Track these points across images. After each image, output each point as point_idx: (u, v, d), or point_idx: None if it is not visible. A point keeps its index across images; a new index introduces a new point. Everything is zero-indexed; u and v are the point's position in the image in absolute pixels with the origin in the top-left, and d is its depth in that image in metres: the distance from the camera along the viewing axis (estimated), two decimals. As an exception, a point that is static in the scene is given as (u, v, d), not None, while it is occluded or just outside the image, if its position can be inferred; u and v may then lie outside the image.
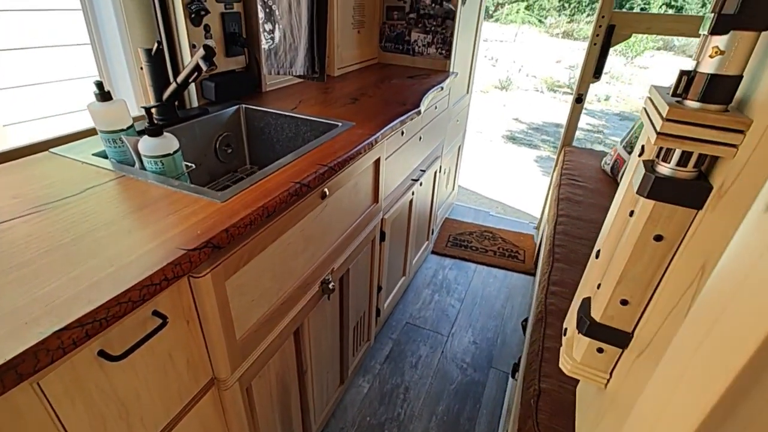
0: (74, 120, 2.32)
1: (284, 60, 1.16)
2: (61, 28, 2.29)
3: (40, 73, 2.17)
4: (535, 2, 16.11)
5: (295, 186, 0.87)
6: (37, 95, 2.28)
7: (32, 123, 2.28)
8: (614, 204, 0.51)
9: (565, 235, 1.60)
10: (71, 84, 2.43)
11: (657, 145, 0.37)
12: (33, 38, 2.19)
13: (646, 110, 0.44)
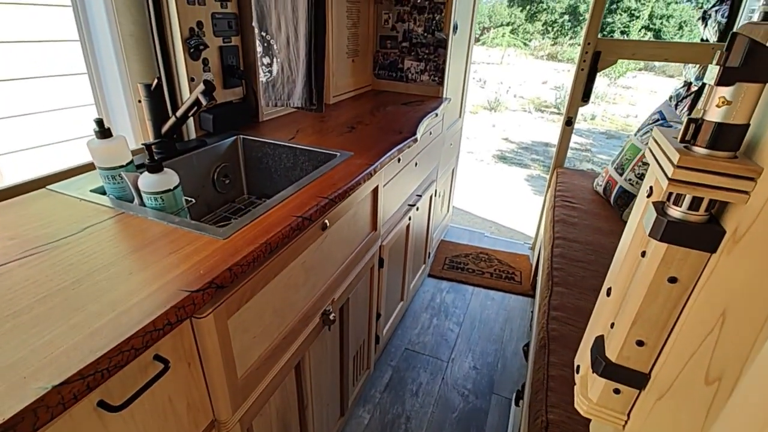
0: (69, 149, 2.31)
1: (282, 92, 1.18)
2: (59, 58, 2.30)
3: (36, 102, 2.17)
4: (519, 26, 16.66)
5: (297, 220, 0.87)
6: (32, 124, 2.27)
7: (28, 152, 2.25)
8: (623, 242, 0.51)
9: (562, 258, 1.60)
10: (67, 113, 2.43)
11: (669, 190, 0.38)
12: (30, 68, 2.20)
13: (652, 151, 0.45)
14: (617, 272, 0.50)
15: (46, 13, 2.20)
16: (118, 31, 1.17)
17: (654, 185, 0.45)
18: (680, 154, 0.37)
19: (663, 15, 15.30)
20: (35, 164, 2.31)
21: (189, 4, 1.16)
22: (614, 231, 1.82)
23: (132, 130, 1.30)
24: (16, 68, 2.09)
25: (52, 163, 2.30)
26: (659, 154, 0.42)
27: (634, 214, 0.49)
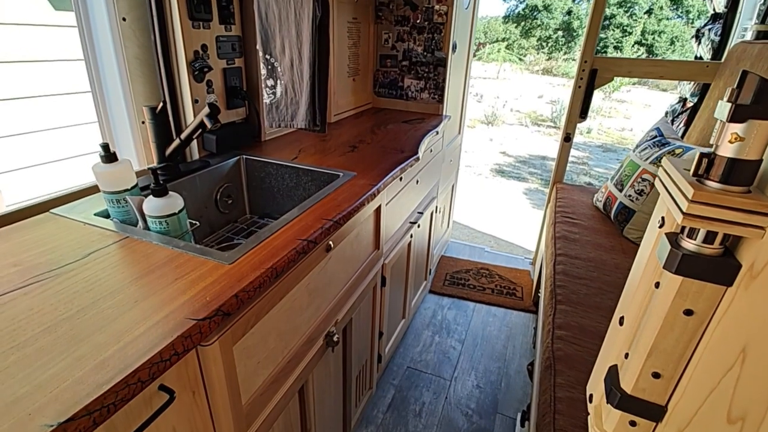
0: (72, 166, 2.31)
1: (285, 113, 1.19)
2: (63, 78, 2.32)
3: (39, 120, 2.19)
4: (514, 42, 16.94)
5: (302, 243, 0.86)
6: (35, 142, 2.28)
7: (31, 170, 2.26)
8: (635, 271, 0.51)
9: (564, 275, 1.60)
10: (70, 131, 2.44)
11: (683, 224, 0.38)
12: (34, 87, 2.22)
13: (663, 182, 0.45)
14: (629, 301, 0.50)
15: (52, 34, 2.23)
16: (123, 54, 1.19)
17: (666, 216, 0.45)
18: (694, 188, 0.37)
19: (655, 31, 15.62)
20: (38, 182, 2.32)
21: (194, 28, 1.18)
22: (615, 247, 1.82)
23: (135, 151, 1.30)
24: (21, 87, 2.12)
25: (55, 181, 2.31)
26: (671, 186, 0.42)
27: (645, 244, 0.49)
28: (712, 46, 2.36)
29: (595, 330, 1.31)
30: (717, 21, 2.37)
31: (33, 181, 2.35)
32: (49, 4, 2.39)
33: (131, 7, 1.14)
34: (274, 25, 1.12)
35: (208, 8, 1.20)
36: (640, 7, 15.72)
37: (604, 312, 1.40)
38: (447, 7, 1.95)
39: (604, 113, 10.05)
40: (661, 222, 0.45)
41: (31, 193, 2.32)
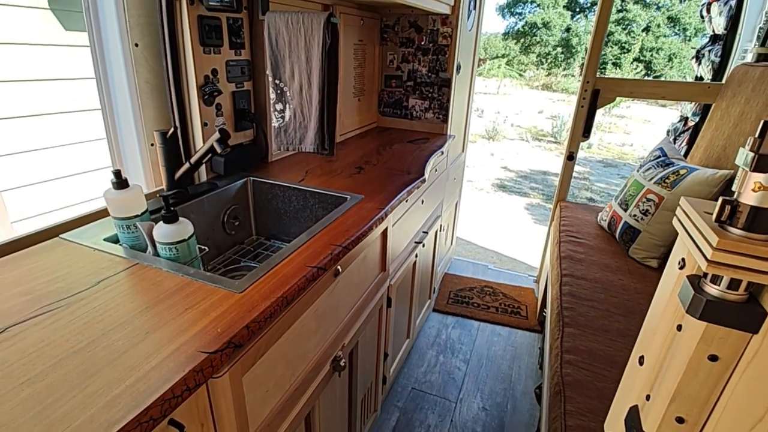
0: (81, 182, 2.32)
1: (294, 137, 1.20)
2: (71, 96, 2.35)
3: (48, 137, 2.22)
4: (514, 58, 17.17)
5: (312, 270, 0.86)
6: (44, 159, 2.30)
7: (40, 186, 2.27)
8: (655, 310, 0.51)
9: (571, 296, 1.59)
10: (78, 147, 2.46)
11: (708, 272, 0.38)
12: (45, 105, 2.24)
13: (682, 223, 0.45)
14: (650, 341, 0.50)
15: (64, 53, 2.26)
16: (134, 79, 1.20)
17: (686, 258, 0.45)
18: (718, 236, 0.37)
19: (653, 48, 15.83)
20: (46, 198, 2.33)
21: (205, 53, 1.20)
22: (621, 268, 1.82)
23: (144, 173, 1.31)
24: (33, 106, 2.15)
25: (63, 197, 2.32)
26: (692, 229, 0.42)
27: (665, 284, 0.49)
28: (713, 66, 2.39)
29: (604, 354, 1.29)
30: (717, 42, 2.40)
31: (40, 197, 2.36)
32: (60, 24, 2.44)
33: (144, 33, 1.16)
34: (284, 51, 1.14)
35: (219, 35, 1.22)
36: (637, 25, 15.98)
37: (612, 335, 1.39)
38: (451, 30, 1.98)
39: (604, 128, 10.12)
40: (681, 263, 0.45)
41: (38, 208, 2.33)
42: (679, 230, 0.46)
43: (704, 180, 1.68)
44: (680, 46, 15.62)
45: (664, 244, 1.79)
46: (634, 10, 16.12)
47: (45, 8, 2.34)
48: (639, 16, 16.04)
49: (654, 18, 15.98)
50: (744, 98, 1.79)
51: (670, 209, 1.75)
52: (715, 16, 2.45)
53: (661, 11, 16.12)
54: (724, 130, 1.86)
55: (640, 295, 1.61)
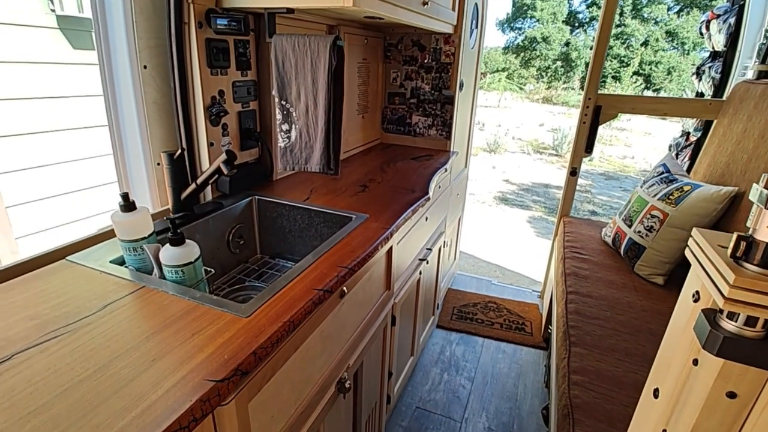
0: (85, 198, 2.33)
1: (300, 157, 1.20)
2: (79, 112, 2.38)
3: (55, 153, 2.24)
4: (514, 72, 17.35)
5: (319, 293, 0.86)
6: (48, 174, 2.32)
7: (45, 202, 2.28)
8: (669, 342, 0.50)
9: (577, 314, 1.58)
10: (86, 163, 2.49)
11: (725, 309, 0.38)
12: (53, 122, 2.28)
13: (695, 255, 0.45)
14: (664, 373, 0.49)
15: (74, 72, 2.30)
16: (142, 99, 1.21)
17: (701, 291, 0.44)
18: (735, 273, 0.37)
19: (652, 61, 15.99)
20: (51, 214, 2.34)
21: (212, 75, 1.21)
22: (627, 284, 1.80)
23: (149, 191, 1.31)
24: (40, 122, 2.18)
25: (68, 212, 2.33)
26: (706, 263, 0.42)
27: (679, 316, 0.49)
28: (713, 83, 2.41)
29: (612, 375, 1.27)
30: (717, 59, 2.43)
31: (45, 213, 2.38)
32: (68, 43, 2.48)
33: (152, 55, 1.18)
34: (290, 73, 1.15)
35: (226, 56, 1.24)
36: (636, 39, 16.17)
37: (619, 355, 1.37)
38: (454, 48, 2.00)
39: (605, 141, 10.16)
40: (696, 296, 0.45)
41: (43, 224, 2.34)
42: (692, 261, 0.45)
43: (709, 196, 1.68)
44: (679, 60, 15.78)
45: (670, 261, 1.78)
46: (633, 24, 16.34)
47: (54, 28, 2.38)
48: (637, 30, 16.25)
49: (652, 32, 16.18)
50: (746, 115, 1.80)
51: (675, 226, 1.74)
52: (714, 33, 2.48)
53: (659, 26, 16.32)
54: (727, 146, 1.87)
55: (646, 313, 1.60)
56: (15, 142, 2.21)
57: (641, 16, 16.51)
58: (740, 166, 1.71)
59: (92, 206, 2.56)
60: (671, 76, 15.77)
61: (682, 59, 15.79)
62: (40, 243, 2.42)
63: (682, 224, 1.73)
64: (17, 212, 2.33)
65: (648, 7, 16.26)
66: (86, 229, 2.47)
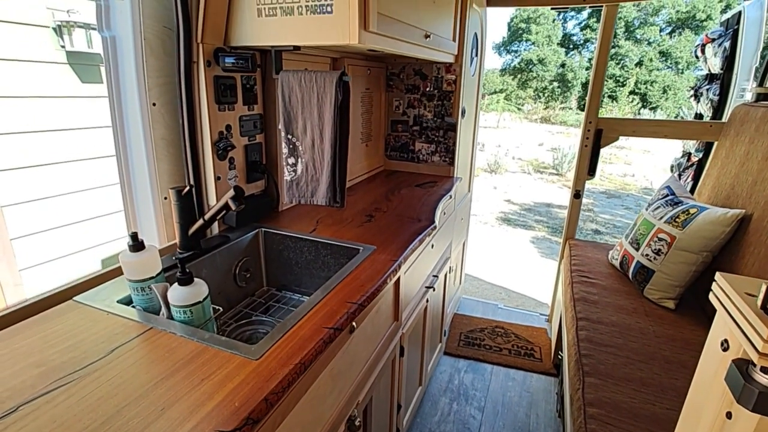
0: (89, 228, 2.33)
1: (306, 190, 1.21)
2: (85, 144, 2.42)
3: (60, 184, 2.26)
4: (512, 92, 17.62)
5: (329, 332, 0.84)
6: (53, 205, 2.34)
7: (47, 233, 2.28)
8: (697, 391, 0.49)
9: (589, 342, 1.55)
10: (89, 193, 2.51)
11: (759, 364, 0.36)
12: (59, 154, 2.31)
13: (722, 302, 0.44)
14: (694, 425, 0.47)
15: (81, 105, 2.34)
16: (151, 135, 1.23)
17: (730, 339, 0.43)
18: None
19: (647, 81, 16.26)
20: (55, 245, 2.34)
21: (220, 111, 1.23)
22: (637, 309, 1.78)
23: (156, 226, 1.31)
24: (50, 153, 2.21)
25: (72, 242, 2.33)
26: (735, 312, 0.41)
27: (707, 364, 0.47)
28: (712, 104, 2.43)
29: (629, 407, 1.24)
30: (714, 81, 2.46)
31: (49, 243, 2.38)
32: (77, 77, 2.53)
33: (161, 93, 1.20)
34: (296, 108, 1.17)
35: (233, 92, 1.26)
36: (630, 60, 16.49)
37: (635, 385, 1.34)
38: (455, 76, 2.04)
39: (605, 159, 10.23)
40: (725, 345, 0.44)
41: (47, 255, 2.33)
42: (717, 307, 0.44)
43: (716, 219, 1.67)
44: (674, 79, 16.04)
45: (680, 285, 1.75)
46: (626, 45, 16.69)
47: (64, 63, 2.44)
48: (631, 51, 16.59)
49: (646, 53, 16.51)
50: (748, 137, 1.81)
51: (684, 249, 1.73)
52: (710, 56, 2.52)
53: (652, 46, 16.67)
54: (731, 168, 1.87)
55: (659, 340, 1.57)
56: (21, 175, 2.23)
57: (634, 37, 16.89)
58: (746, 188, 1.71)
59: (97, 236, 2.56)
60: (667, 95, 16.00)
61: (677, 78, 16.06)
62: (45, 275, 2.41)
63: (691, 247, 1.72)
64: (22, 243, 2.33)
65: (641, 29, 16.65)
66: (91, 258, 2.47)
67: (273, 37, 1.13)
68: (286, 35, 1.11)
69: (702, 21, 15.88)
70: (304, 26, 1.09)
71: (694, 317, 1.71)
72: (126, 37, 1.13)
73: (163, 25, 1.16)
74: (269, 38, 1.14)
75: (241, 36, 1.18)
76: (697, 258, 1.70)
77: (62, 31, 2.31)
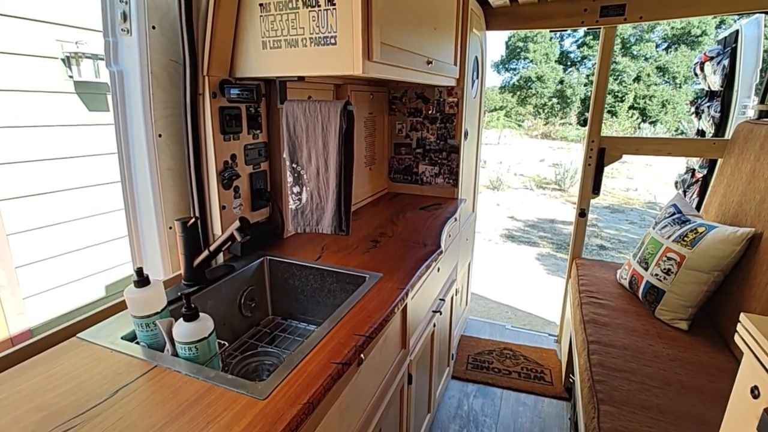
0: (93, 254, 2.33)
1: (311, 218, 1.20)
2: (90, 170, 2.44)
3: (65, 211, 2.27)
4: (512, 109, 17.80)
5: (338, 368, 0.82)
6: (58, 233, 2.34)
7: (52, 261, 2.29)
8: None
9: (602, 367, 1.51)
10: (96, 219, 2.52)
11: (795, 418, 0.35)
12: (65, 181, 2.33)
13: (749, 346, 0.42)
14: (725, 474, 0.45)
15: (88, 132, 2.38)
16: (156, 166, 1.23)
17: (760, 386, 0.41)
18: (801, 379, 0.34)
19: (645, 95, 16.40)
20: (59, 272, 2.34)
21: (225, 141, 1.24)
22: (649, 331, 1.74)
23: (161, 256, 1.30)
24: (54, 180, 2.24)
25: (76, 269, 2.34)
26: (764, 357, 0.39)
27: (735, 410, 0.45)
28: (714, 121, 2.44)
29: (648, 439, 1.20)
30: (715, 98, 2.47)
31: (54, 271, 2.38)
32: (84, 106, 2.57)
33: (167, 124, 1.21)
34: (301, 137, 1.17)
35: (238, 122, 1.27)
36: (628, 75, 16.67)
37: (652, 413, 1.29)
38: (457, 99, 2.06)
39: (607, 174, 10.21)
40: (756, 393, 0.42)
41: (50, 282, 2.33)
42: (744, 351, 0.43)
43: (725, 238, 1.65)
44: (672, 93, 16.18)
45: (692, 305, 1.72)
46: (623, 61, 16.91)
47: (72, 93, 2.49)
48: (629, 67, 16.80)
49: (643, 68, 16.70)
50: (753, 155, 1.80)
51: (694, 268, 1.70)
52: (709, 74, 2.54)
53: (648, 62, 16.88)
54: (737, 186, 1.86)
55: (674, 363, 1.53)
56: (27, 203, 2.25)
57: (631, 53, 17.13)
58: (754, 206, 1.69)
59: (101, 262, 2.56)
60: (666, 109, 16.11)
61: (675, 92, 16.19)
62: (49, 302, 2.40)
63: (701, 266, 1.69)
64: (27, 271, 2.33)
65: (637, 45, 16.90)
66: (95, 284, 2.46)
67: (278, 69, 1.14)
68: (290, 66, 1.13)
69: (697, 36, 16.11)
70: (308, 58, 1.10)
71: (708, 338, 1.67)
72: (133, 71, 1.15)
73: (169, 58, 1.18)
74: (274, 69, 1.15)
75: (246, 68, 1.19)
76: (708, 278, 1.67)
77: (71, 62, 2.36)
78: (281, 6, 1.09)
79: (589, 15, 2.11)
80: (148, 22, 1.11)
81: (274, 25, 1.12)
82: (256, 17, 1.14)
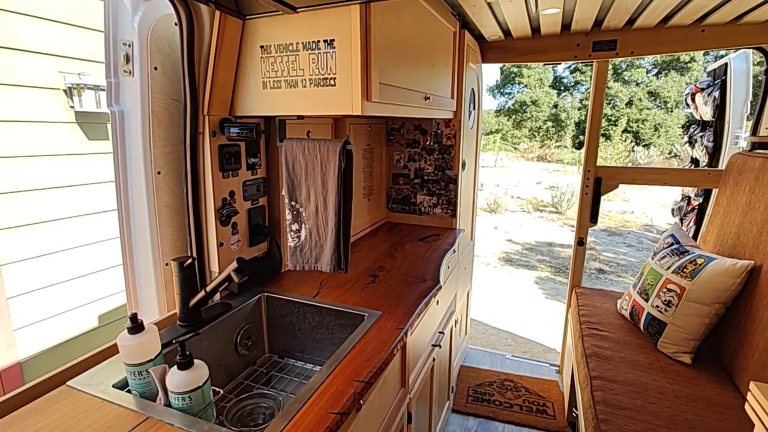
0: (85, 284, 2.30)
1: (310, 256, 1.19)
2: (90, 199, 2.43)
3: (58, 240, 2.26)
4: (507, 132, 18.06)
5: (336, 418, 0.80)
6: (50, 263, 2.32)
7: (43, 291, 2.25)
8: None
9: (606, 405, 1.47)
10: (90, 248, 2.50)
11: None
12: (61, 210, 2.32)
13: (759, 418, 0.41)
14: None
15: (88, 162, 2.38)
16: (154, 203, 1.23)
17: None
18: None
19: (638, 119, 16.71)
20: (51, 303, 2.30)
21: (224, 178, 1.24)
22: (653, 365, 1.71)
23: (156, 294, 1.28)
24: (58, 209, 2.23)
25: (68, 299, 2.30)
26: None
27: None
28: (707, 150, 2.48)
29: (655, 483, 1.16)
30: (707, 128, 2.51)
31: (45, 301, 2.34)
32: (84, 135, 2.59)
33: (166, 161, 1.21)
34: (300, 175, 1.18)
35: (237, 159, 1.28)
36: (620, 100, 17.03)
37: (659, 455, 1.26)
38: (454, 131, 2.08)
39: (604, 197, 10.29)
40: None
41: (42, 313, 2.29)
42: (755, 422, 0.41)
43: (725, 270, 1.65)
44: (664, 117, 16.49)
45: (695, 338, 1.70)
46: (615, 87, 17.29)
47: (72, 122, 2.51)
48: (621, 92, 17.17)
49: (635, 93, 17.08)
50: (748, 187, 1.82)
51: (695, 300, 1.69)
52: (700, 105, 2.59)
53: (640, 87, 17.27)
54: (734, 217, 1.87)
55: (680, 400, 1.49)
56: (21, 232, 2.23)
57: (623, 79, 17.53)
58: (751, 239, 1.69)
59: (95, 292, 2.53)
60: (659, 132, 16.39)
61: (667, 116, 16.51)
62: (39, 334, 2.35)
63: (702, 299, 1.68)
64: (18, 301, 2.30)
65: (628, 71, 17.32)
66: (87, 313, 2.42)
67: (278, 108, 1.16)
68: (290, 106, 1.14)
69: (686, 63, 16.55)
70: (307, 98, 1.11)
71: (713, 373, 1.64)
72: (134, 110, 1.16)
73: (170, 97, 1.20)
74: (274, 109, 1.16)
75: (246, 107, 1.20)
76: (709, 310, 1.66)
77: (72, 93, 2.39)
78: (282, 48, 1.12)
79: (581, 49, 2.17)
80: (150, 63, 1.13)
81: (275, 66, 1.14)
82: (257, 58, 1.16)
